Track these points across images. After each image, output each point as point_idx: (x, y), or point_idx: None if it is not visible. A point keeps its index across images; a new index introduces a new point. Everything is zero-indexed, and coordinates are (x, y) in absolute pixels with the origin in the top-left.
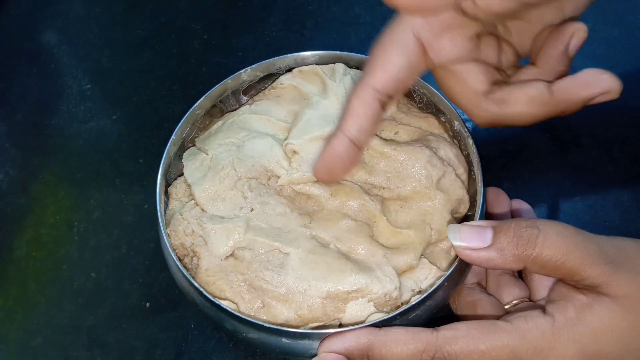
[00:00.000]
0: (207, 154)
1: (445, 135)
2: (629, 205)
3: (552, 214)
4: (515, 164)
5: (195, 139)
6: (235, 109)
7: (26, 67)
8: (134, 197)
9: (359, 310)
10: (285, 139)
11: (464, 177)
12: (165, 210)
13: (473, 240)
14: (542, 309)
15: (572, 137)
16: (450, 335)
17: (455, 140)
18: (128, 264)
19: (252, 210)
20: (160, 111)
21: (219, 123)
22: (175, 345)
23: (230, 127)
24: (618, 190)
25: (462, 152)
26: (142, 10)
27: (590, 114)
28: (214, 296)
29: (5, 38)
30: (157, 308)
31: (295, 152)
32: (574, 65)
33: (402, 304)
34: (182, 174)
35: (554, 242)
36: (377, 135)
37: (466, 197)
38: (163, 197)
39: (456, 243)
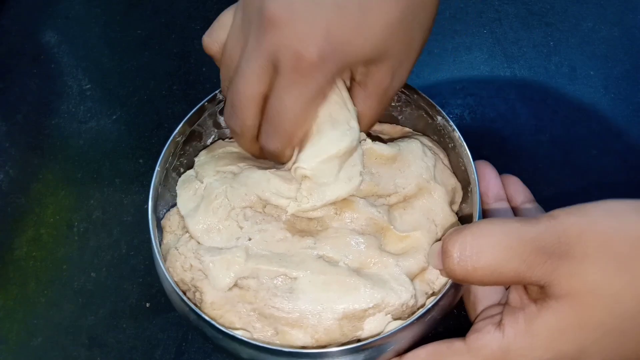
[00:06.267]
0: (202, 182)
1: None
2: None
3: None
4: (515, 164)
5: (195, 159)
6: (214, 133)
7: (26, 67)
8: (134, 197)
9: (378, 324)
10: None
11: (447, 162)
12: (160, 245)
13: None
14: (500, 318)
15: (572, 137)
16: None
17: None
18: (128, 264)
19: (250, 239)
20: (160, 111)
21: (230, 148)
22: (175, 345)
23: (235, 154)
24: (618, 190)
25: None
26: (142, 10)
27: (590, 113)
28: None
29: (5, 38)
30: (157, 308)
31: (306, 177)
32: (574, 65)
33: (418, 308)
34: (173, 205)
35: (485, 256)
36: (380, 142)
37: (458, 185)
38: (157, 232)
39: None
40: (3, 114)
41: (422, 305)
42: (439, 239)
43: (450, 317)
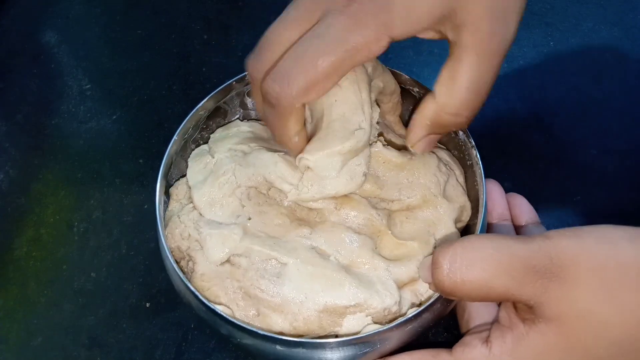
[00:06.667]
0: (213, 157)
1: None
2: (629, 205)
3: (553, 215)
4: (515, 164)
5: (211, 135)
6: (238, 113)
7: (26, 67)
8: (134, 197)
9: (357, 324)
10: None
11: (462, 179)
12: (165, 211)
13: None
14: (488, 334)
15: (572, 137)
16: None
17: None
18: (128, 264)
19: (249, 219)
20: (160, 111)
21: (244, 127)
22: (175, 345)
23: (249, 134)
24: (619, 190)
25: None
26: (142, 10)
27: (590, 113)
28: (209, 301)
29: (5, 38)
30: (157, 308)
31: (309, 167)
32: (575, 65)
33: (400, 317)
34: (184, 175)
35: (474, 270)
36: (393, 147)
37: (468, 204)
38: (163, 197)
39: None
40: (3, 114)
41: (405, 315)
42: None
43: (443, 332)
